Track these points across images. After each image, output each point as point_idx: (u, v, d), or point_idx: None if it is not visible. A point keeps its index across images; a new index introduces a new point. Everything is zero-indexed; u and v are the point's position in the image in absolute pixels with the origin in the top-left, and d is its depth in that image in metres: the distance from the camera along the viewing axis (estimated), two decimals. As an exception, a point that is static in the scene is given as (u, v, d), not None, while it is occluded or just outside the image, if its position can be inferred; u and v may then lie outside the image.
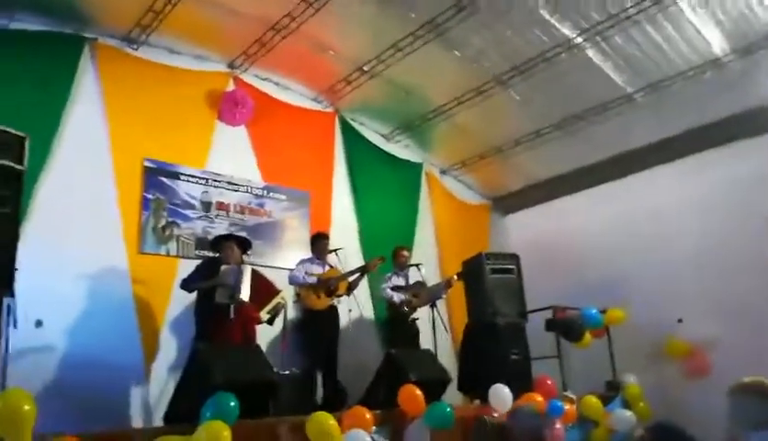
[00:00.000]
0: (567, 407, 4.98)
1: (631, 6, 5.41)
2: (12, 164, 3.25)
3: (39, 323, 4.40)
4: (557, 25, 5.73)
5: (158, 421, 4.45)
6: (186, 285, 4.82)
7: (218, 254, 5.06)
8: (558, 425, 4.74)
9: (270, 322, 4.98)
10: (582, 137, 7.37)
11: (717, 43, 5.83)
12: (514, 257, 6.19)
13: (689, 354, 6.56)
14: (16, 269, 3.23)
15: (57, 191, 4.78)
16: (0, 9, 4.87)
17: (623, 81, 6.41)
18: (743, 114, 6.43)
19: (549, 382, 5.27)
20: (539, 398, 4.71)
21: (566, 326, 6.02)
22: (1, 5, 4.86)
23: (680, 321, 6.68)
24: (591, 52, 6.04)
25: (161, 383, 4.94)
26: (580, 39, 5.87)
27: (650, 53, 6.01)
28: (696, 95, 6.37)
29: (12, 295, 3.21)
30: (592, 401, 5.35)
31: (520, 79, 6.47)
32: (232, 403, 3.23)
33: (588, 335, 6.18)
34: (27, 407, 2.49)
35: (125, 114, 5.45)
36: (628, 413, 5.32)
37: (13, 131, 3.30)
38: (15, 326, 3.28)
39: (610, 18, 5.56)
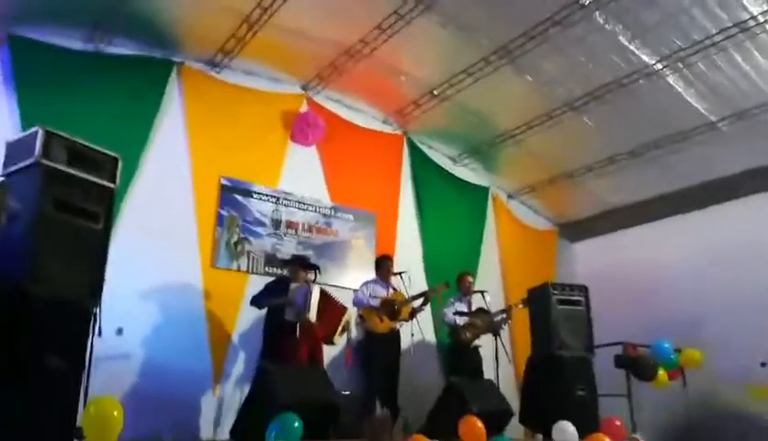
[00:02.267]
0: (636, 450, 4.74)
1: (717, 33, 5.18)
2: (105, 183, 3.47)
3: (119, 332, 4.63)
4: (635, 51, 5.56)
5: (224, 434, 4.58)
6: (257, 301, 4.97)
7: (286, 273, 5.21)
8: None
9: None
10: (660, 165, 7.09)
11: (812, 72, 5.49)
12: (583, 289, 5.98)
13: (774, 401, 6.10)
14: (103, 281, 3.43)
15: (141, 206, 5.07)
16: (99, 34, 5.26)
17: (705, 109, 6.12)
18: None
19: (618, 423, 5.03)
20: (607, 439, 4.50)
21: (638, 363, 5.74)
22: (100, 31, 5.25)
23: (763, 364, 6.24)
24: (671, 79, 5.82)
25: (228, 395, 5.11)
26: (659, 66, 5.67)
27: (737, 81, 5.72)
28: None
29: (98, 306, 3.40)
30: (665, 446, 5.05)
31: (594, 104, 6.31)
32: (296, 424, 3.28)
33: (662, 374, 5.86)
34: (116, 413, 2.64)
35: (205, 133, 5.73)
36: (704, 462, 4.98)
37: (108, 153, 3.52)
38: (100, 335, 3.47)
39: (693, 45, 5.36)
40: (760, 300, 6.31)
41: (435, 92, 6.56)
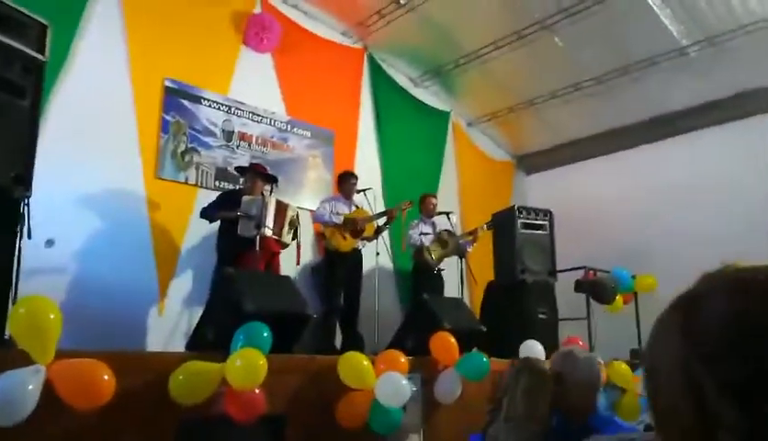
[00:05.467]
0: (598, 370, 4.76)
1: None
2: (33, 53, 2.88)
3: (49, 243, 4.07)
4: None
5: (178, 347, 4.19)
6: (208, 213, 4.53)
7: (238, 187, 4.79)
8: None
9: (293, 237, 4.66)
10: (623, 94, 7.00)
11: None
12: (547, 213, 5.90)
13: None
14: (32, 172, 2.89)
15: (73, 101, 4.39)
16: None
17: (679, 32, 5.99)
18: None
19: (581, 343, 5.03)
20: (580, 341, 4.48)
21: (598, 287, 5.77)
22: None
23: None
24: (648, -3, 5.62)
25: (175, 313, 4.67)
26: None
27: (715, 3, 5.58)
28: (755, 54, 5.98)
29: (27, 198, 2.86)
30: (622, 367, 5.13)
31: (568, 22, 6.03)
32: (266, 334, 2.96)
33: (618, 298, 5.93)
34: (52, 316, 2.20)
35: (145, 29, 5.02)
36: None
37: (34, 16, 2.92)
38: (29, 236, 2.95)
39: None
40: (704, 232, 6.45)
41: (401, 1, 6.08)
